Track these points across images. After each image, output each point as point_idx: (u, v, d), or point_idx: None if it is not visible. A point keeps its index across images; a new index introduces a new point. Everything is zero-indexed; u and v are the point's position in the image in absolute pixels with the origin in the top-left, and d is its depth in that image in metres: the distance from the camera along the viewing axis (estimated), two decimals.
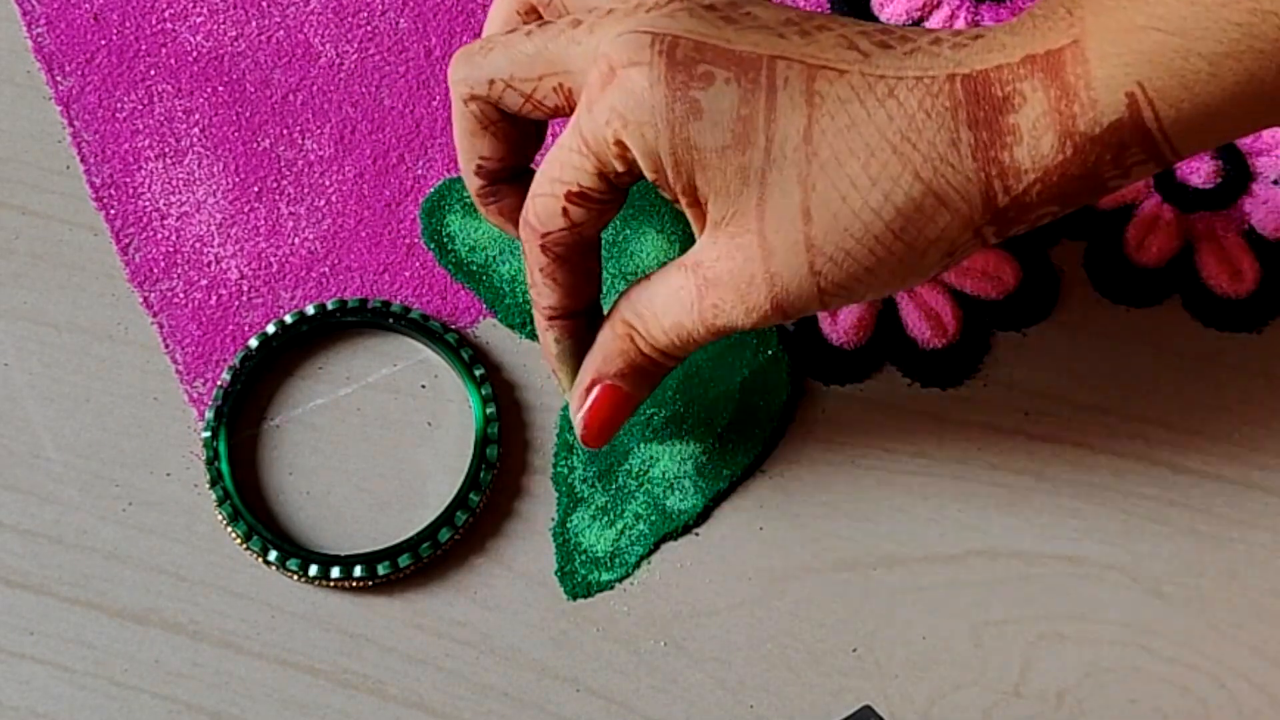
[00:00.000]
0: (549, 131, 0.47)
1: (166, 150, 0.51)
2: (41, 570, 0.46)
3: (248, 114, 0.51)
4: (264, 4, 0.53)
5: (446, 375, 0.48)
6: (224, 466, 0.46)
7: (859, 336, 0.49)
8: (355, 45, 0.53)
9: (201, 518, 0.46)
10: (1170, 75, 0.35)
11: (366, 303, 0.48)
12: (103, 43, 0.52)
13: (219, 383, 0.47)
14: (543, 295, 0.42)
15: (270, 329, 0.48)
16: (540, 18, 0.43)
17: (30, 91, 0.52)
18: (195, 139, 0.51)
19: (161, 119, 0.51)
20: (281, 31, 0.53)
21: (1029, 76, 0.36)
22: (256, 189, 0.51)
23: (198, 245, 0.50)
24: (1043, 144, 0.36)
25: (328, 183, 0.51)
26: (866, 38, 0.38)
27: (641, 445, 0.48)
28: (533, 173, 0.43)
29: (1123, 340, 0.50)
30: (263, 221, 0.50)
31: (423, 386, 0.48)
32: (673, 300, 0.40)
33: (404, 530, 0.46)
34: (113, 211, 0.50)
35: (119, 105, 0.51)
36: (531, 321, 0.49)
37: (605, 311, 0.44)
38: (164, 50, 0.52)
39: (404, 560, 0.45)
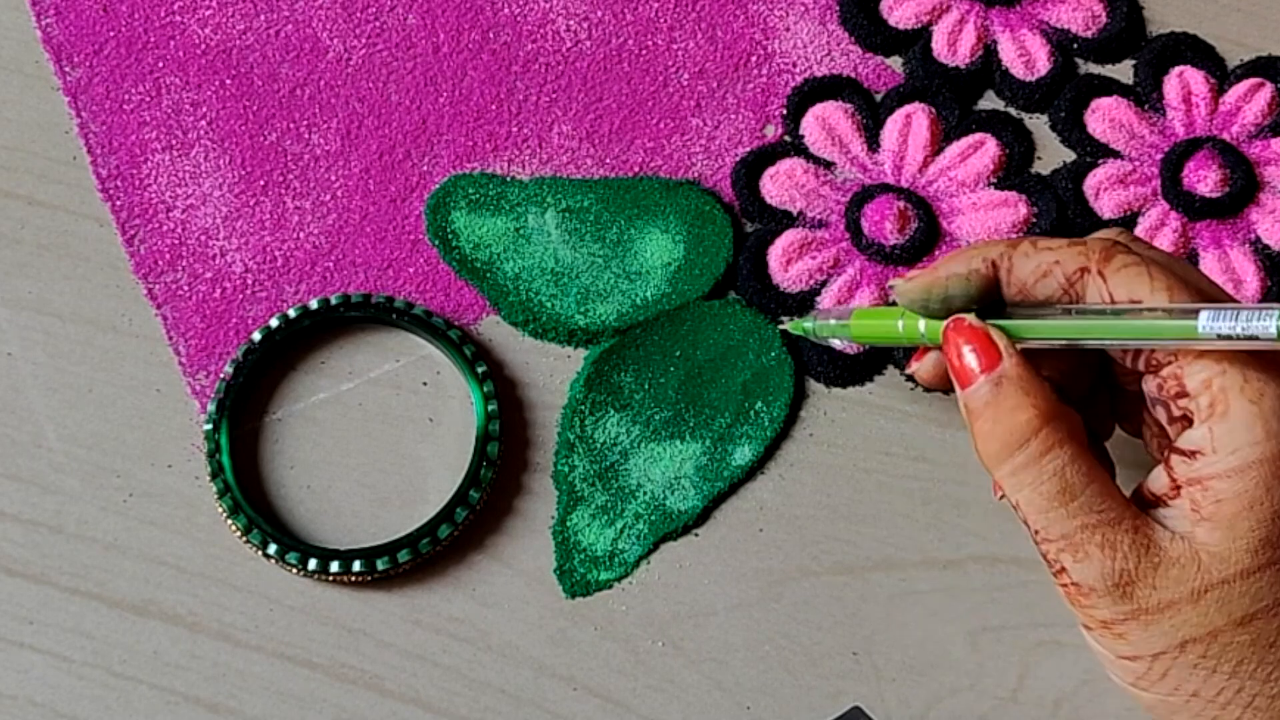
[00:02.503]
0: None
1: (173, 143, 0.51)
2: (42, 560, 0.46)
3: (255, 108, 0.52)
4: None
5: (449, 372, 0.48)
6: (225, 459, 0.46)
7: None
8: (363, 40, 0.53)
9: (202, 510, 0.46)
10: None
11: (370, 298, 0.48)
12: (111, 34, 0.52)
13: (221, 375, 0.47)
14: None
15: (274, 323, 0.48)
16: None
17: (38, 82, 0.52)
18: (202, 132, 0.51)
19: (169, 111, 0.51)
20: (290, 26, 0.53)
21: None
22: (262, 183, 0.51)
23: (203, 238, 0.50)
24: None
25: (333, 177, 0.51)
26: None
27: (642, 445, 0.48)
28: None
29: None
30: (268, 215, 0.50)
31: (424, 383, 0.48)
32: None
33: (404, 526, 0.46)
34: (119, 203, 0.50)
35: (126, 97, 0.52)
36: (534, 320, 0.49)
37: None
38: (172, 43, 0.52)
39: (403, 556, 0.45)
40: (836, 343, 0.47)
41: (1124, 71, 0.54)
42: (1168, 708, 0.38)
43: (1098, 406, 0.43)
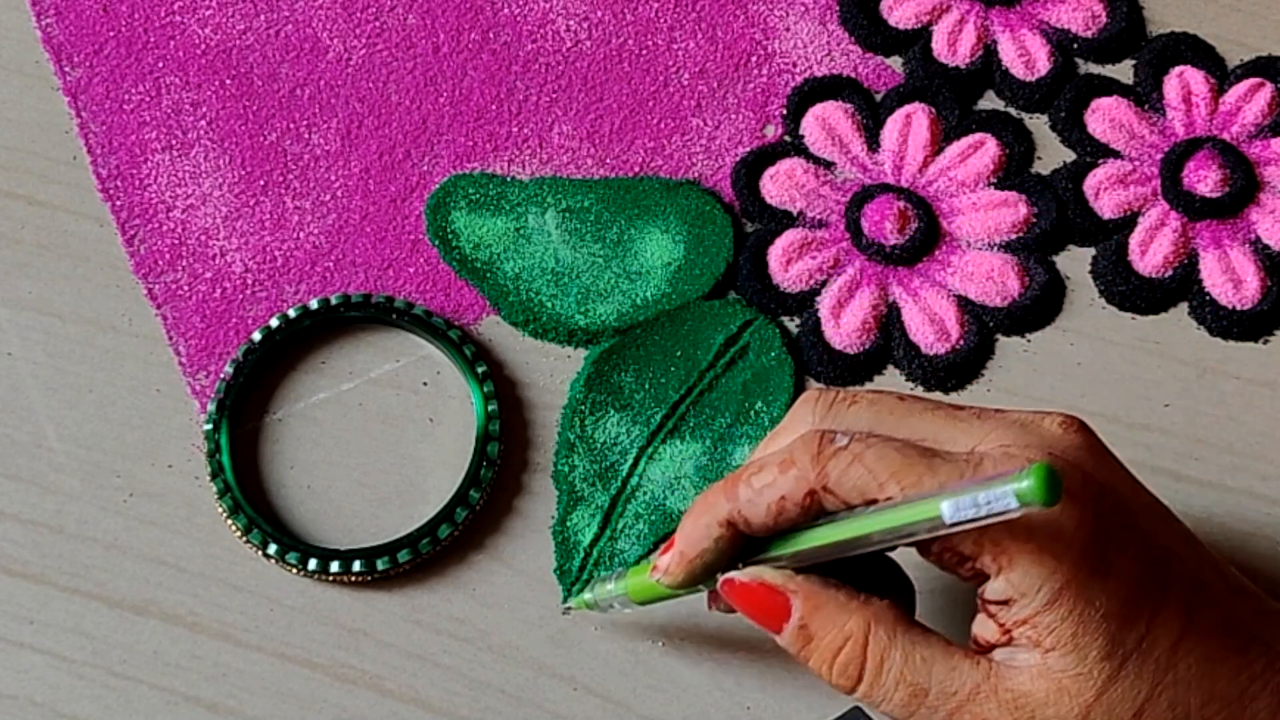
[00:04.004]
0: None
1: (173, 142, 0.51)
2: (42, 560, 0.46)
3: (255, 108, 0.52)
4: None
5: (449, 372, 0.48)
6: (225, 459, 0.46)
7: (863, 340, 0.49)
8: (363, 40, 0.53)
9: (202, 510, 0.46)
10: None
11: (370, 298, 0.48)
12: (111, 34, 0.52)
13: (221, 375, 0.47)
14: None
15: (274, 323, 0.48)
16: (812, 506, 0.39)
17: (38, 82, 0.52)
18: (202, 132, 0.51)
19: (169, 111, 0.51)
20: (290, 25, 0.53)
21: None
22: (262, 182, 0.51)
23: (203, 238, 0.50)
24: None
25: (333, 177, 0.51)
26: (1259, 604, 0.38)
27: (643, 445, 0.48)
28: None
29: (1127, 348, 0.49)
30: (268, 215, 0.50)
31: (425, 383, 0.48)
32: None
33: (404, 526, 0.46)
34: (119, 203, 0.50)
35: (126, 97, 0.52)
36: (534, 320, 0.49)
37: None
38: (172, 43, 0.52)
39: (403, 556, 0.45)
40: (620, 608, 0.43)
41: (1124, 71, 0.54)
42: None
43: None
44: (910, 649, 0.37)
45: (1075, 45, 0.54)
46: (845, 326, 0.49)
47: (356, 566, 0.45)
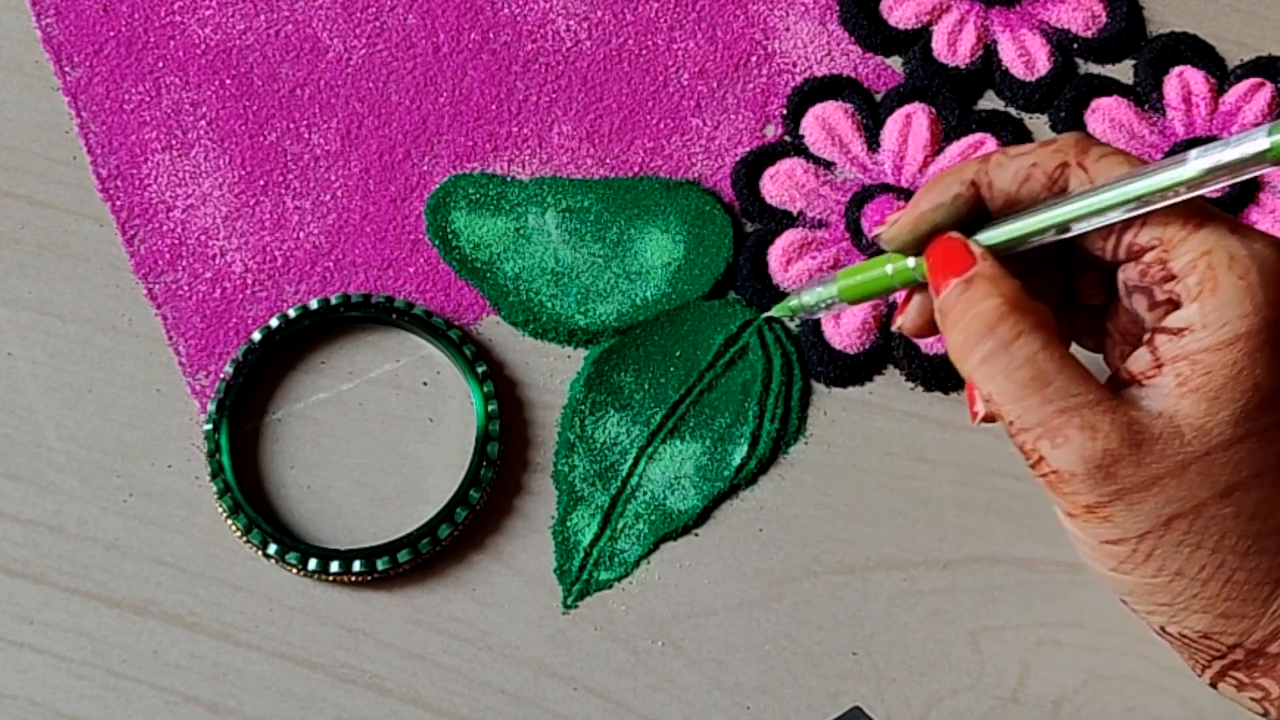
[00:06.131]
0: None
1: (173, 142, 0.51)
2: (42, 560, 0.46)
3: (255, 107, 0.52)
4: None
5: (449, 372, 0.48)
6: (225, 459, 0.46)
7: (863, 340, 0.49)
8: (363, 40, 0.53)
9: (202, 510, 0.46)
10: None
11: (370, 298, 0.48)
12: (111, 34, 0.52)
13: (221, 375, 0.47)
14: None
15: (274, 323, 0.48)
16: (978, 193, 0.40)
17: (38, 82, 0.52)
18: (202, 132, 0.51)
19: (169, 111, 0.51)
20: (290, 25, 0.53)
21: None
22: (262, 182, 0.51)
23: (203, 238, 0.50)
24: None
25: (333, 177, 0.51)
26: None
27: (643, 445, 0.48)
28: None
29: None
30: (268, 215, 0.50)
31: (425, 383, 0.48)
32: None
33: (404, 526, 0.46)
34: (119, 203, 0.50)
35: (126, 97, 0.52)
36: (534, 320, 0.49)
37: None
38: (172, 43, 0.52)
39: (403, 556, 0.45)
40: (823, 313, 0.45)
41: (1124, 71, 0.54)
42: (1148, 589, 0.38)
43: (1060, 325, 0.43)
44: (1052, 344, 0.37)
45: (1075, 45, 0.54)
46: (845, 326, 0.49)
47: (356, 566, 0.45)
